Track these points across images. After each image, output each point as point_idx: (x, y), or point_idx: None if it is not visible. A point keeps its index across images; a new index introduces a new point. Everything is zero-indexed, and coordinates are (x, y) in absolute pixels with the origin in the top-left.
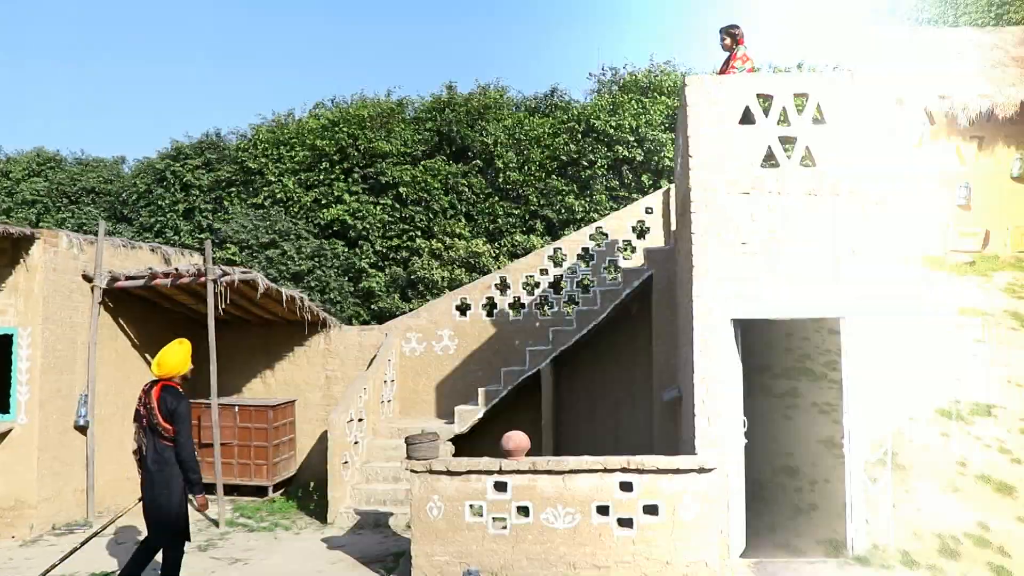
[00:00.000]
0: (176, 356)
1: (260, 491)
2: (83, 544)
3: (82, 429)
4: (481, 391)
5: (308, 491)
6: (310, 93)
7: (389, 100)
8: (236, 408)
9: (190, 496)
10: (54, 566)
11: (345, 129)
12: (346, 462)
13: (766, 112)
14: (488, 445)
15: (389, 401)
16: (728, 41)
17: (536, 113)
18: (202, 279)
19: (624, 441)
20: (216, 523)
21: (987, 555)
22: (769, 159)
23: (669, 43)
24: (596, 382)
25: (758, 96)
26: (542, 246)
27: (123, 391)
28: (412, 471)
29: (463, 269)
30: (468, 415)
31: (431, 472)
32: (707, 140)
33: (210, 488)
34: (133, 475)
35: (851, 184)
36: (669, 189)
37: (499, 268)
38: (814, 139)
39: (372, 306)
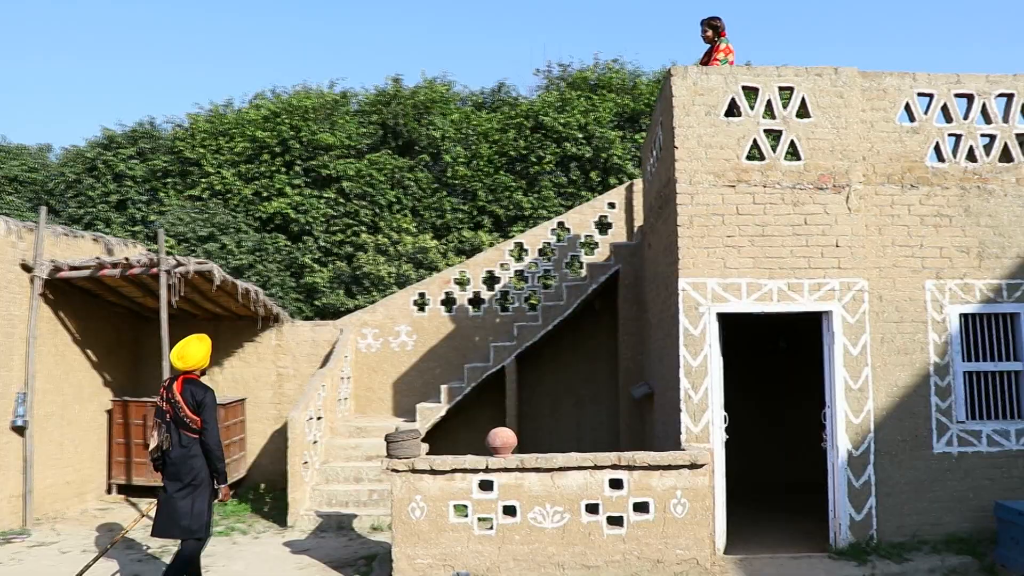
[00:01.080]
0: (200, 350)
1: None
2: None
3: (19, 430)
4: (444, 388)
5: (260, 493)
6: (250, 83)
7: (332, 92)
8: None
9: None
10: None
11: (287, 120)
12: (306, 462)
13: (751, 105)
14: (448, 444)
15: (345, 399)
16: (710, 33)
17: (483, 108)
18: (154, 270)
19: (587, 438)
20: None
21: None
22: (754, 152)
23: (615, 40)
24: (558, 379)
25: (744, 89)
26: (490, 243)
27: (63, 389)
28: (393, 470)
29: (411, 265)
30: (430, 413)
31: (413, 471)
32: (693, 132)
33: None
34: (75, 479)
35: (836, 178)
36: (632, 184)
37: (447, 264)
38: (799, 133)
39: (315, 302)
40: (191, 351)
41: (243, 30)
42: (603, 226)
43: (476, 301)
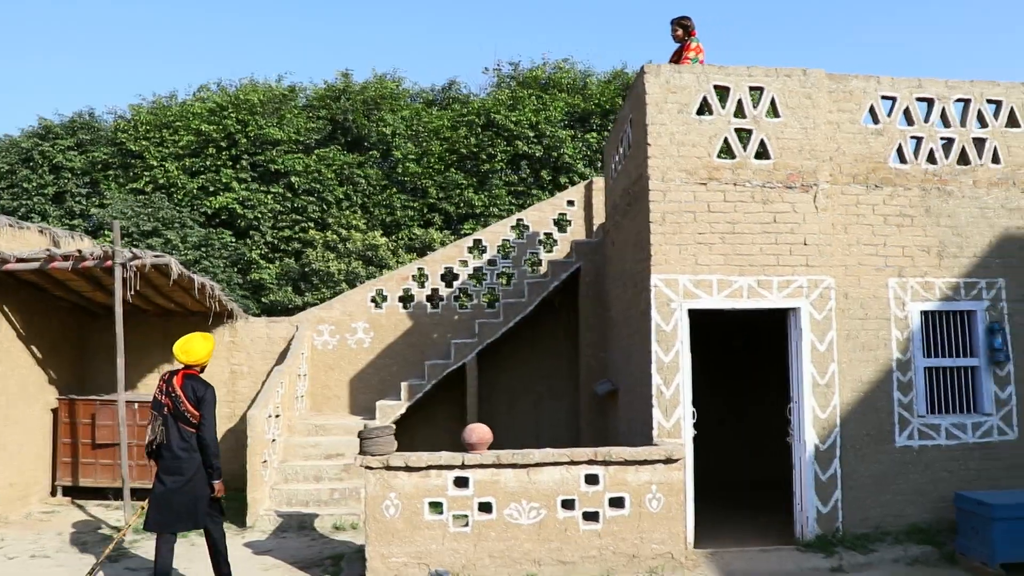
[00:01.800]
0: (205, 347)
1: None
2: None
3: None
4: (404, 385)
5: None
6: (194, 75)
7: (280, 86)
8: (136, 405)
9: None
10: None
11: (233, 114)
12: (265, 461)
13: (723, 104)
14: (407, 441)
15: (302, 397)
16: (680, 32)
17: (434, 105)
18: (109, 263)
19: (545, 435)
20: (120, 530)
21: None
22: (725, 151)
23: (565, 40)
24: (517, 376)
25: (715, 88)
26: (441, 240)
27: (7, 387)
28: (367, 467)
29: (360, 262)
30: (391, 410)
31: (388, 468)
32: (665, 130)
33: (117, 493)
34: (18, 481)
35: (804, 177)
36: (592, 182)
37: (398, 261)
38: (769, 132)
39: (262, 299)
40: (196, 347)
41: (187, 21)
42: (562, 224)
43: (434, 298)
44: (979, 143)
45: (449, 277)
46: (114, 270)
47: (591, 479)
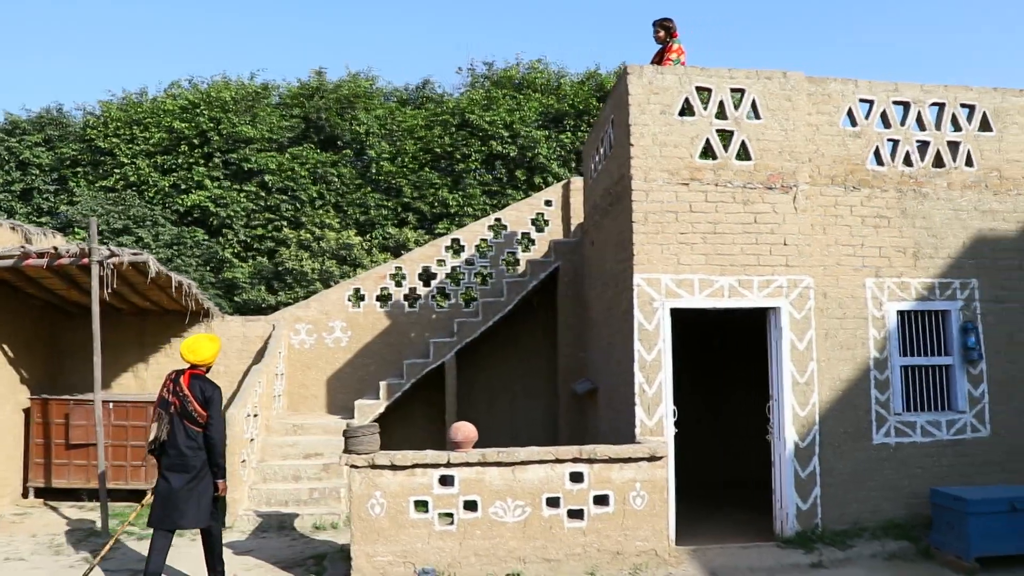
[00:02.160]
0: (211, 348)
1: (136, 495)
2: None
3: None
4: (383, 384)
5: None
6: (164, 71)
7: (253, 83)
8: (111, 405)
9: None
10: None
11: (206, 112)
12: (244, 461)
13: (704, 105)
14: (384, 441)
15: (279, 396)
16: (662, 34)
17: (408, 104)
18: (85, 260)
19: (522, 434)
20: (99, 532)
21: None
22: (707, 151)
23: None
24: (495, 375)
25: (697, 89)
26: (415, 240)
27: None
28: (352, 466)
29: (334, 261)
30: (369, 409)
31: (373, 467)
32: (648, 130)
33: (91, 493)
34: None
35: (785, 178)
36: (570, 182)
37: (372, 260)
38: (750, 133)
39: (235, 298)
40: (202, 346)
41: (157, 17)
42: (540, 224)
43: (412, 297)
44: (953, 146)
45: (426, 276)
46: (91, 268)
47: (576, 477)
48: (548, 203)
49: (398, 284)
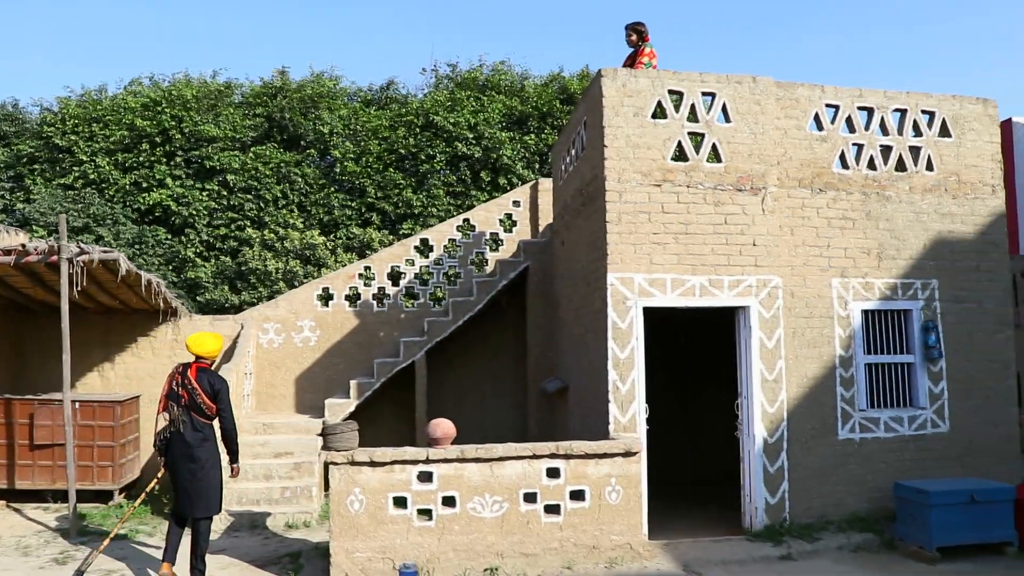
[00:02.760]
0: (215, 343)
1: (103, 496)
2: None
3: None
4: (353, 383)
5: (154, 494)
6: (124, 68)
7: (216, 82)
8: (77, 404)
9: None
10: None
11: (168, 110)
12: None
13: (677, 108)
14: None
15: (248, 395)
16: (634, 37)
17: (372, 105)
18: (54, 258)
19: (492, 433)
20: (67, 533)
21: None
22: (679, 153)
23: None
24: (464, 374)
25: (669, 92)
26: (380, 240)
27: None
28: (332, 463)
29: (298, 261)
30: (339, 408)
31: (352, 463)
32: (622, 132)
33: (57, 495)
34: None
35: (754, 180)
36: (538, 183)
37: (336, 260)
38: (721, 136)
39: (198, 298)
40: (208, 340)
41: (116, 12)
42: (508, 224)
43: (381, 297)
44: (915, 151)
45: (395, 276)
46: (60, 265)
47: (552, 472)
48: (516, 204)
49: (367, 284)
